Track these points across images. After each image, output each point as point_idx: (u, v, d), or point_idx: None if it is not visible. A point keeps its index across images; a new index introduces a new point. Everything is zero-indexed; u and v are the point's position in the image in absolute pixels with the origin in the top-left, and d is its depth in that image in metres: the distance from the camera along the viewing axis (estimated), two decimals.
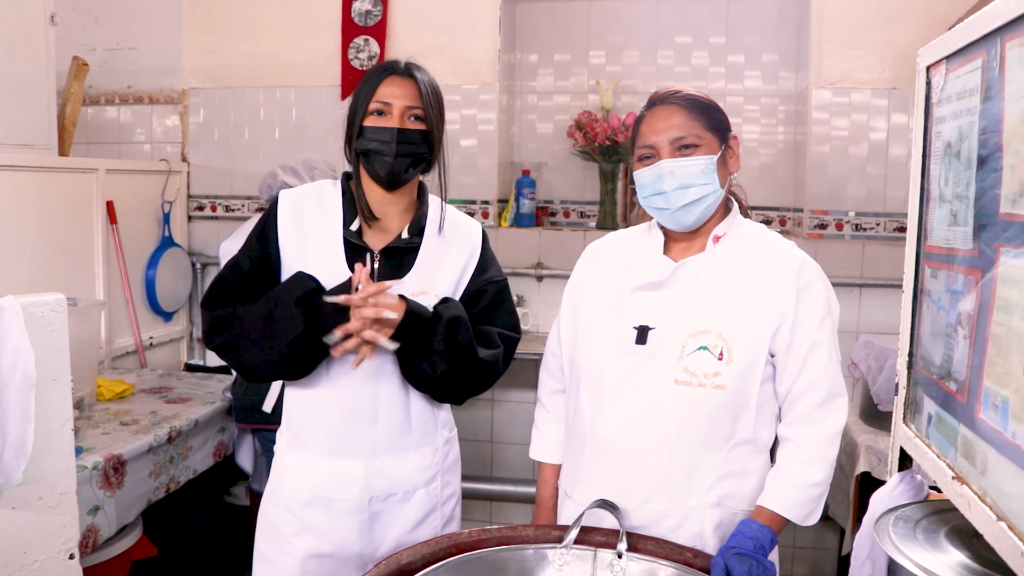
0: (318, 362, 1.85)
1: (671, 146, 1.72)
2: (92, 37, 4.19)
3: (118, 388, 3.12)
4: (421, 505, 1.98)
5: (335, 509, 1.91)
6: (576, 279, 1.96)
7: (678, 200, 1.72)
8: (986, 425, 1.13)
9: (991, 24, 1.15)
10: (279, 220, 1.90)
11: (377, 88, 1.85)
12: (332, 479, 1.91)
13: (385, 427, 1.92)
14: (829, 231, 3.67)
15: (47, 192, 3.21)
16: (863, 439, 2.96)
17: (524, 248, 3.89)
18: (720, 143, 1.76)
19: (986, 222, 1.17)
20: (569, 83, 4.18)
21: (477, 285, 1.98)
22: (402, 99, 1.85)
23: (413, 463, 1.96)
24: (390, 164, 1.85)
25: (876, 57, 3.60)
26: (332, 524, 1.91)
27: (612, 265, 1.89)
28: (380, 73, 1.87)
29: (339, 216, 1.92)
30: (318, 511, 1.91)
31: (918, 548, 1.28)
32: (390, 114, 1.85)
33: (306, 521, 1.92)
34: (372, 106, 1.85)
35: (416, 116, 1.87)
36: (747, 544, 1.60)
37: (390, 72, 1.87)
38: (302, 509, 1.92)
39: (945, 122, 1.39)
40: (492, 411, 3.99)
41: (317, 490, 1.92)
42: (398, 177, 1.87)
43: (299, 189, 1.97)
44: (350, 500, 1.91)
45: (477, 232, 2.05)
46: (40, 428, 1.70)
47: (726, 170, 1.77)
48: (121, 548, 2.67)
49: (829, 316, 1.73)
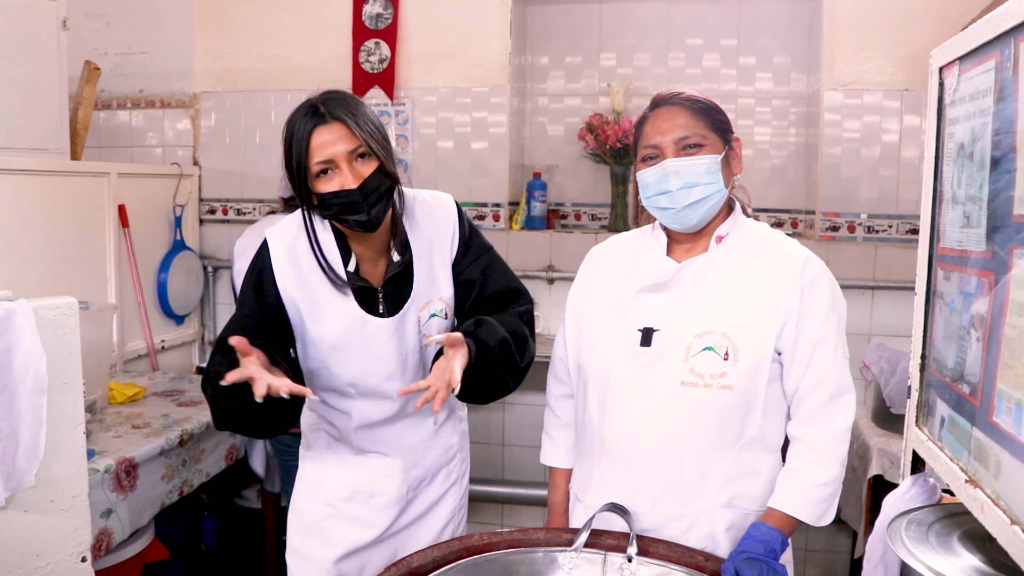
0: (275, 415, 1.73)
1: (675, 146, 1.72)
2: (104, 41, 4.21)
3: (130, 391, 3.13)
4: (443, 482, 2.10)
5: (376, 503, 2.01)
6: (580, 283, 1.96)
7: (683, 199, 1.72)
8: (1000, 428, 1.12)
9: (1005, 24, 1.15)
10: (276, 270, 1.83)
11: (310, 145, 1.72)
12: (373, 474, 2.00)
13: (414, 425, 2.01)
14: (841, 233, 3.66)
15: (59, 196, 3.22)
16: (875, 442, 2.95)
17: (535, 251, 3.89)
18: (723, 144, 1.76)
19: (1000, 224, 1.16)
20: (580, 85, 4.17)
21: (469, 263, 1.94)
22: (340, 145, 1.72)
23: (439, 447, 2.08)
24: (365, 219, 1.75)
25: (888, 59, 3.59)
26: (374, 515, 2.01)
27: (615, 268, 1.89)
28: (305, 126, 1.73)
29: (336, 253, 1.86)
30: (359, 504, 2.00)
31: (931, 552, 1.27)
32: (338, 168, 1.73)
33: (348, 514, 2.00)
34: (315, 168, 1.73)
35: (361, 155, 1.74)
36: (757, 548, 1.59)
37: (314, 123, 1.72)
38: (344, 503, 2.00)
39: (958, 123, 1.38)
40: (503, 414, 3.99)
41: (359, 485, 2.00)
42: (378, 222, 1.79)
43: (287, 228, 1.87)
44: (390, 492, 2.01)
45: (450, 203, 1.97)
46: (52, 431, 1.71)
47: (729, 171, 1.77)
48: (134, 551, 2.67)
49: (835, 312, 1.73)
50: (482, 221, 3.95)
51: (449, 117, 3.97)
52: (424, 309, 1.91)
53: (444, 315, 1.93)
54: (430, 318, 1.91)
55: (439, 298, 1.92)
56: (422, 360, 1.94)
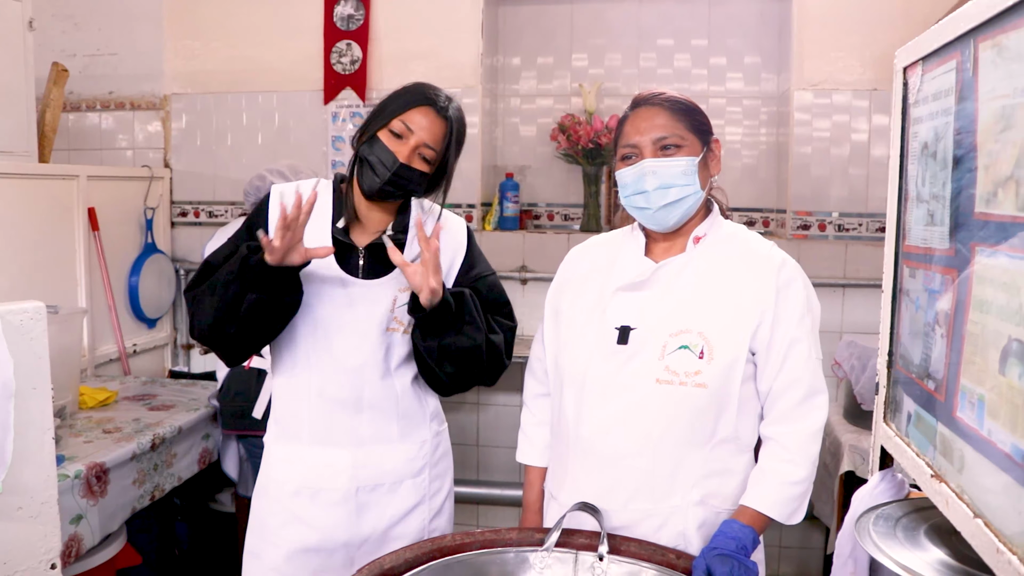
0: (269, 319, 1.84)
1: (654, 146, 1.73)
2: (72, 43, 4.16)
3: (101, 396, 3.10)
4: (408, 496, 2.01)
5: (322, 499, 1.95)
6: (559, 282, 1.97)
7: (659, 200, 1.73)
8: (963, 423, 1.14)
9: (964, 25, 1.16)
10: (270, 212, 1.91)
11: (408, 111, 1.85)
12: (319, 468, 1.95)
13: (370, 416, 1.95)
14: (812, 232, 3.69)
15: (27, 199, 3.19)
16: (847, 438, 2.98)
17: (508, 251, 3.89)
18: (702, 145, 1.77)
19: (962, 221, 1.18)
20: (552, 86, 4.18)
21: (467, 281, 1.99)
22: (424, 133, 1.85)
23: (400, 453, 1.99)
24: (378, 186, 1.86)
25: (857, 59, 3.62)
26: (319, 514, 1.95)
27: (595, 268, 1.90)
28: (419, 99, 1.87)
29: (328, 213, 1.94)
30: (306, 500, 1.95)
31: (898, 546, 1.28)
32: (407, 140, 1.85)
33: (294, 511, 1.95)
34: (394, 124, 1.85)
35: (425, 157, 1.87)
36: (729, 544, 1.60)
37: (428, 103, 1.86)
38: (290, 499, 1.96)
39: (922, 123, 1.40)
40: (478, 415, 3.99)
41: (305, 480, 1.95)
42: (381, 198, 1.91)
43: (293, 184, 1.97)
44: (337, 490, 1.95)
45: (462, 228, 2.06)
46: (20, 437, 1.69)
47: (707, 172, 1.78)
48: (105, 557, 2.65)
49: (809, 314, 1.74)
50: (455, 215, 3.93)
51: None
52: (403, 292, 1.91)
53: None
54: (406, 302, 1.91)
55: None
56: (386, 343, 1.93)
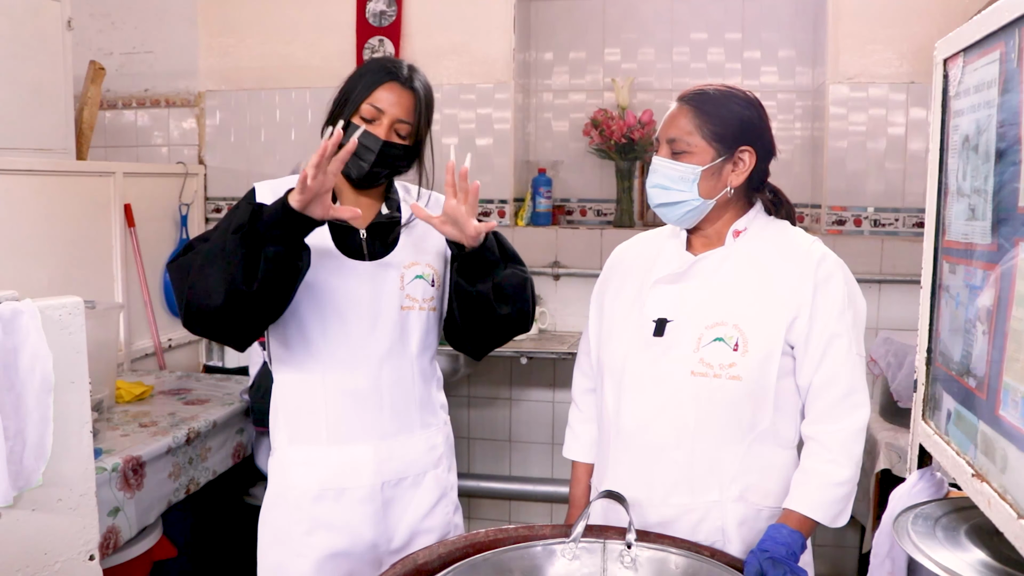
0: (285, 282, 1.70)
1: (667, 145, 1.75)
2: (109, 41, 4.21)
3: (137, 390, 3.14)
4: (432, 489, 1.97)
5: (347, 499, 1.88)
6: (604, 277, 1.99)
7: (655, 197, 1.77)
8: (1006, 422, 1.12)
9: (1009, 15, 1.14)
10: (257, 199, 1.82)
11: (375, 91, 1.81)
12: (341, 467, 1.87)
13: (391, 407, 1.90)
14: (848, 227, 3.65)
15: (65, 196, 3.23)
16: (883, 436, 2.95)
17: (540, 247, 3.88)
18: (719, 155, 1.73)
19: (1005, 216, 1.16)
20: (584, 81, 4.16)
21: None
22: (396, 109, 1.82)
23: (421, 443, 1.95)
24: (365, 170, 1.83)
25: (894, 51, 3.57)
26: (345, 516, 1.87)
27: (638, 263, 1.91)
28: (382, 76, 1.82)
29: None
30: (330, 504, 1.87)
31: (938, 546, 1.26)
32: (379, 122, 1.81)
33: (318, 517, 1.87)
34: (364, 109, 1.81)
35: (399, 132, 1.84)
36: (780, 550, 1.60)
37: (392, 78, 1.82)
38: (312, 505, 1.88)
39: (963, 115, 1.38)
40: (510, 410, 3.99)
41: (327, 482, 1.87)
42: (369, 182, 1.88)
43: (278, 180, 1.93)
44: (362, 487, 1.88)
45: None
46: (59, 430, 1.71)
47: (721, 182, 1.74)
48: (141, 549, 2.68)
49: (850, 309, 1.72)
50: (487, 218, 3.94)
51: (454, 114, 3.96)
52: (408, 268, 1.89)
53: (431, 281, 1.92)
54: (414, 279, 1.90)
55: (426, 263, 1.92)
56: (401, 324, 1.89)
